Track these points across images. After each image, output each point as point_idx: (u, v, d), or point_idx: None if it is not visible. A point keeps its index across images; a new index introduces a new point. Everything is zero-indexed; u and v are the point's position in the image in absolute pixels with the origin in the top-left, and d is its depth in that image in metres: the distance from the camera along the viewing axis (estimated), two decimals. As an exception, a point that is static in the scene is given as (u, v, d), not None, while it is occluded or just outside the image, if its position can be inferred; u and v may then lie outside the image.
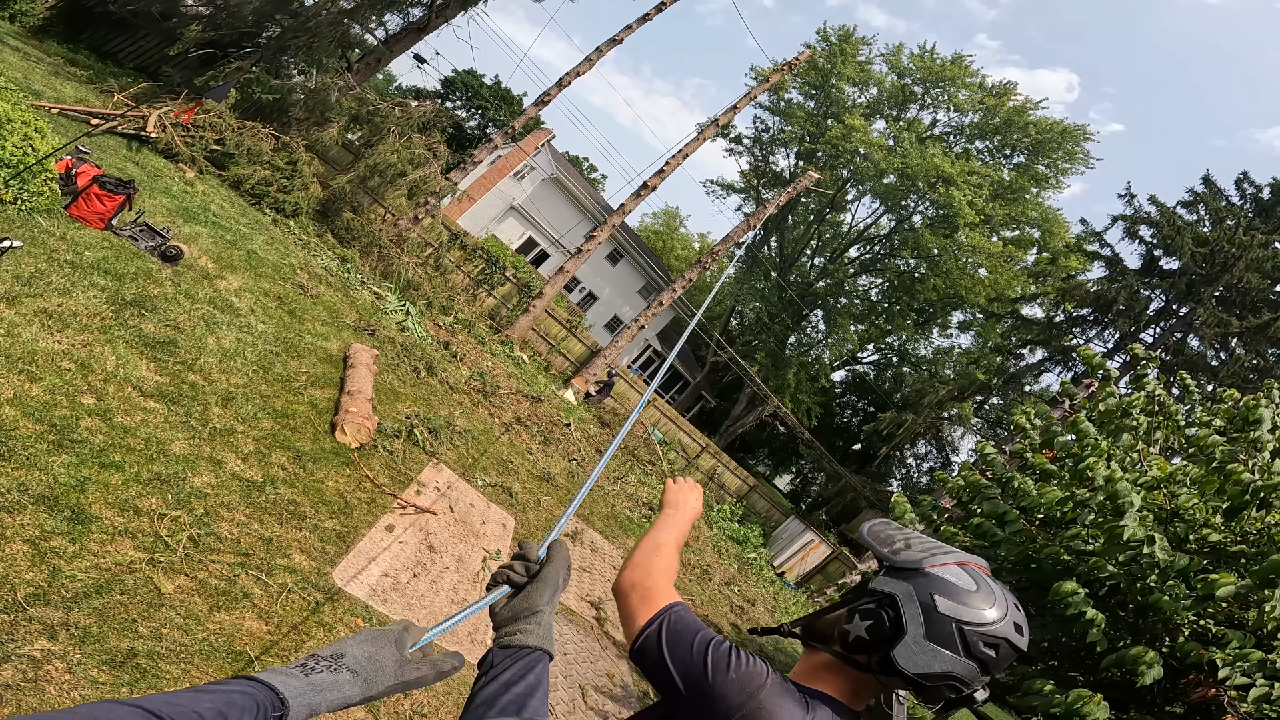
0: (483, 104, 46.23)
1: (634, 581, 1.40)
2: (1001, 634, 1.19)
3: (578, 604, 6.01)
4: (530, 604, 1.11)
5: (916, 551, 1.31)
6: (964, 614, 1.19)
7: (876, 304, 34.75)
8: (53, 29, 11.52)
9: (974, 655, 1.18)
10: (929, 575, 1.25)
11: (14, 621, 2.39)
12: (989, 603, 1.21)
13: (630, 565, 1.44)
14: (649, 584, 1.38)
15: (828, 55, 32.54)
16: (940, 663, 1.18)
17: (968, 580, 1.23)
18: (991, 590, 1.23)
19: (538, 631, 1.07)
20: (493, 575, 1.18)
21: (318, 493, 4.35)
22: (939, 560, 1.28)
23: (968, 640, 1.18)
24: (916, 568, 1.27)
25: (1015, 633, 1.20)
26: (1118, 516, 3.22)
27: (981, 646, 1.18)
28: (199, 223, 7.12)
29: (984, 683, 1.22)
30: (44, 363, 3.56)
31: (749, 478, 21.13)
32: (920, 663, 1.19)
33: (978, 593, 1.22)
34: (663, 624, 1.29)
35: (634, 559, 1.46)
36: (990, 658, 1.18)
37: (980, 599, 1.21)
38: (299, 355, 5.87)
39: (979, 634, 1.18)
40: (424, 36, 15.17)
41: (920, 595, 1.23)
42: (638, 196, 16.20)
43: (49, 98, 8.12)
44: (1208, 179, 21.85)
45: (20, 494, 2.80)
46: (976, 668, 1.18)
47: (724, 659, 1.23)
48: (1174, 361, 20.51)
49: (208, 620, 2.93)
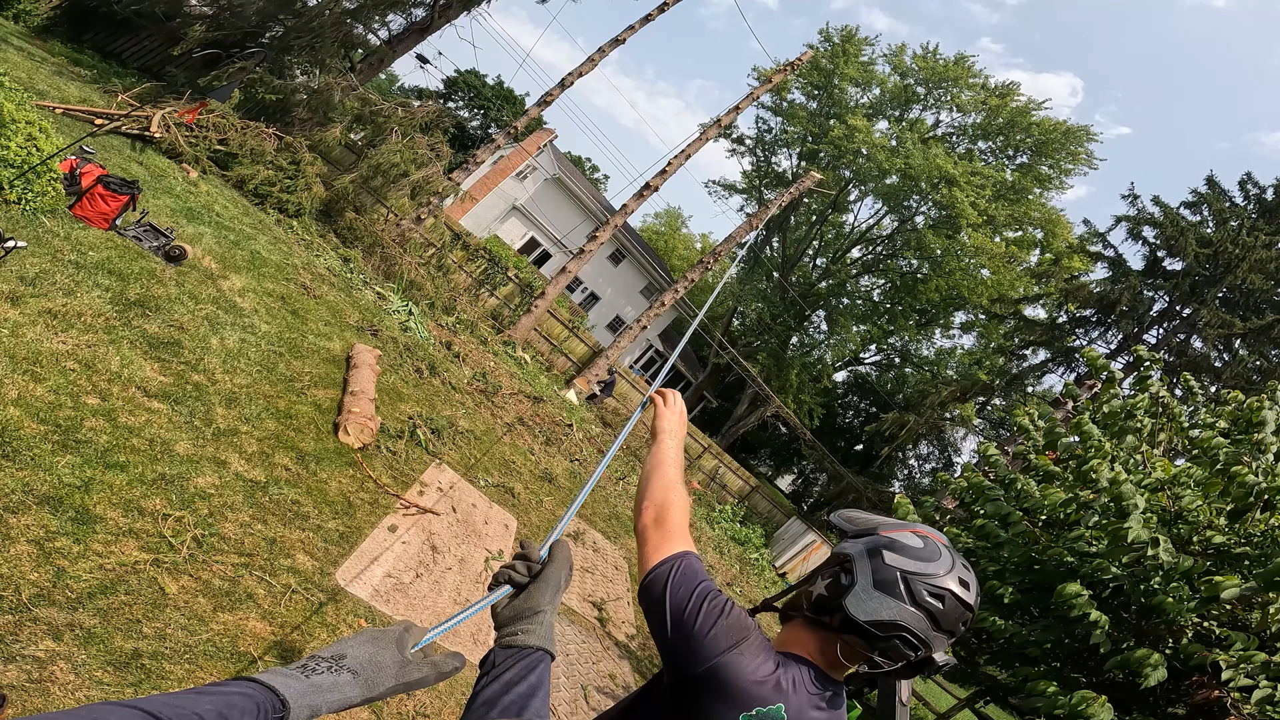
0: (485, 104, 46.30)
1: (653, 520, 1.46)
2: (945, 585, 1.26)
3: (580, 604, 6.01)
4: (532, 604, 1.11)
5: (879, 524, 1.40)
6: (908, 565, 1.28)
7: (879, 305, 34.71)
8: (56, 29, 11.53)
9: (919, 604, 1.25)
10: (882, 537, 1.34)
11: (19, 622, 2.39)
12: (934, 557, 1.29)
13: (649, 505, 1.49)
14: (668, 526, 1.44)
15: (830, 56, 32.52)
16: (887, 610, 1.25)
17: (915, 540, 1.32)
18: (939, 549, 1.31)
19: (539, 631, 1.08)
20: (494, 575, 1.18)
21: (321, 493, 4.35)
22: (894, 527, 1.37)
23: (912, 588, 1.25)
24: (872, 531, 1.38)
25: (960, 586, 1.27)
26: (1122, 518, 3.22)
27: (926, 596, 1.25)
28: (202, 223, 7.13)
29: (941, 642, 1.28)
30: (48, 363, 3.57)
31: (751, 478, 21.12)
32: (868, 609, 1.26)
33: (923, 549, 1.30)
34: (674, 567, 1.35)
35: (652, 496, 1.51)
36: (936, 608, 1.25)
37: (925, 553, 1.29)
38: (302, 356, 5.88)
39: (922, 582, 1.25)
40: (427, 37, 15.17)
41: (870, 551, 1.32)
42: (640, 197, 16.20)
43: (53, 98, 8.13)
44: (1211, 180, 21.78)
45: (25, 494, 2.81)
46: (924, 618, 1.25)
47: (716, 609, 1.29)
48: (1177, 363, 20.46)
49: (212, 621, 2.93)
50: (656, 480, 1.55)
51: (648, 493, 1.53)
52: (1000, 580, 3.95)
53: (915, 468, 35.14)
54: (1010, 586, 3.86)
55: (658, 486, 1.53)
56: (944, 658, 1.29)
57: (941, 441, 31.55)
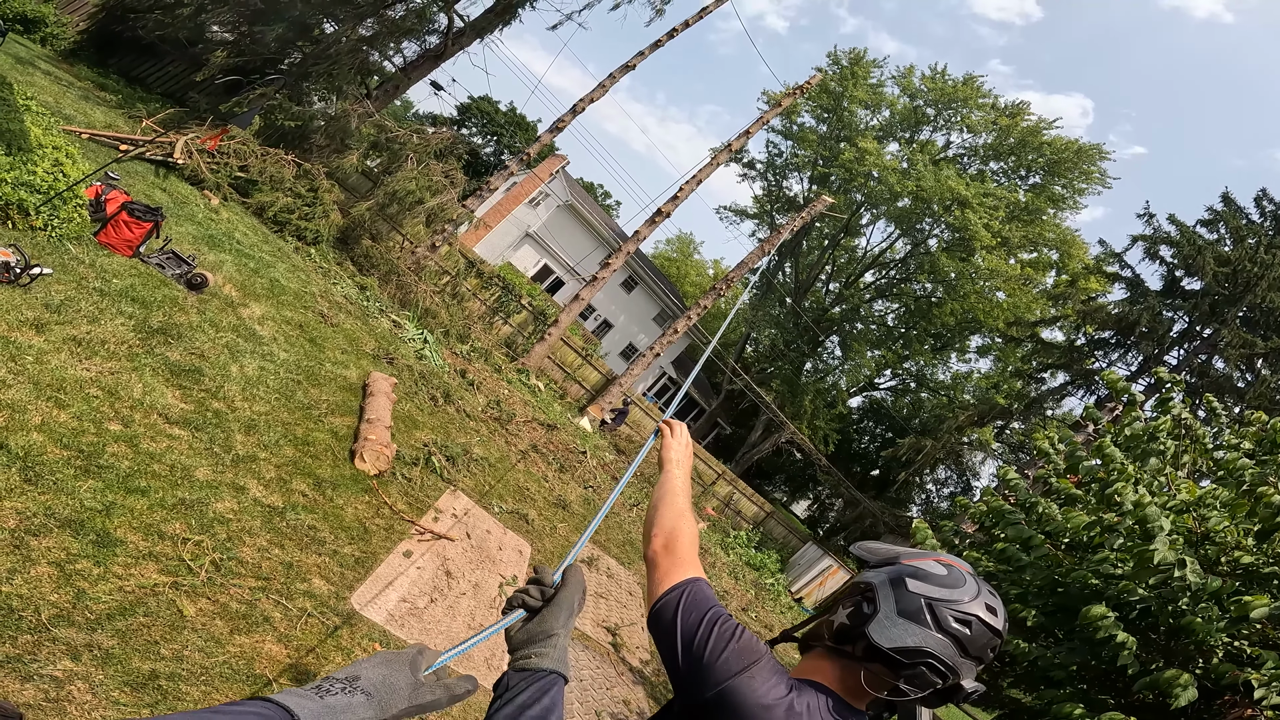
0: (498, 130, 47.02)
1: (663, 547, 1.47)
2: (971, 610, 1.24)
3: (594, 630, 5.96)
4: (545, 627, 1.12)
5: (900, 553, 1.39)
6: (932, 591, 1.26)
7: (893, 329, 34.53)
8: (83, 53, 11.80)
9: (946, 630, 1.23)
10: (905, 565, 1.33)
11: (38, 642, 2.41)
12: (959, 584, 1.27)
13: (658, 532, 1.51)
14: (678, 553, 1.46)
15: (839, 78, 32.74)
16: (912, 637, 1.23)
17: (938, 568, 1.31)
18: (963, 576, 1.30)
19: (553, 655, 1.08)
20: (508, 599, 1.19)
21: (337, 519, 4.37)
22: (916, 556, 1.36)
23: (937, 615, 1.23)
24: (894, 561, 1.36)
25: (987, 612, 1.25)
26: (1147, 540, 3.17)
27: (952, 622, 1.23)
28: (223, 250, 7.26)
29: (969, 669, 1.25)
30: (72, 389, 3.63)
31: (765, 504, 20.94)
32: (893, 636, 1.24)
33: (948, 576, 1.29)
34: (684, 593, 1.36)
35: (661, 524, 1.53)
36: (964, 634, 1.23)
37: (950, 580, 1.28)
38: (319, 383, 5.94)
39: (948, 608, 1.24)
40: (440, 64, 15.44)
41: (893, 579, 1.31)
42: (652, 223, 16.32)
43: (79, 122, 8.34)
44: (1227, 197, 21.61)
45: (47, 517, 2.85)
46: (951, 644, 1.22)
47: (727, 634, 1.29)
48: (1200, 384, 20.17)
49: (229, 643, 2.94)
50: (665, 508, 1.57)
51: (657, 520, 1.55)
52: (1023, 603, 3.89)
53: (933, 492, 34.71)
54: (1033, 610, 3.79)
55: (667, 514, 1.55)
56: (973, 684, 1.27)
57: (960, 466, 31.19)
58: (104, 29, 11.81)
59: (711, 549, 13.18)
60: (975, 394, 33.24)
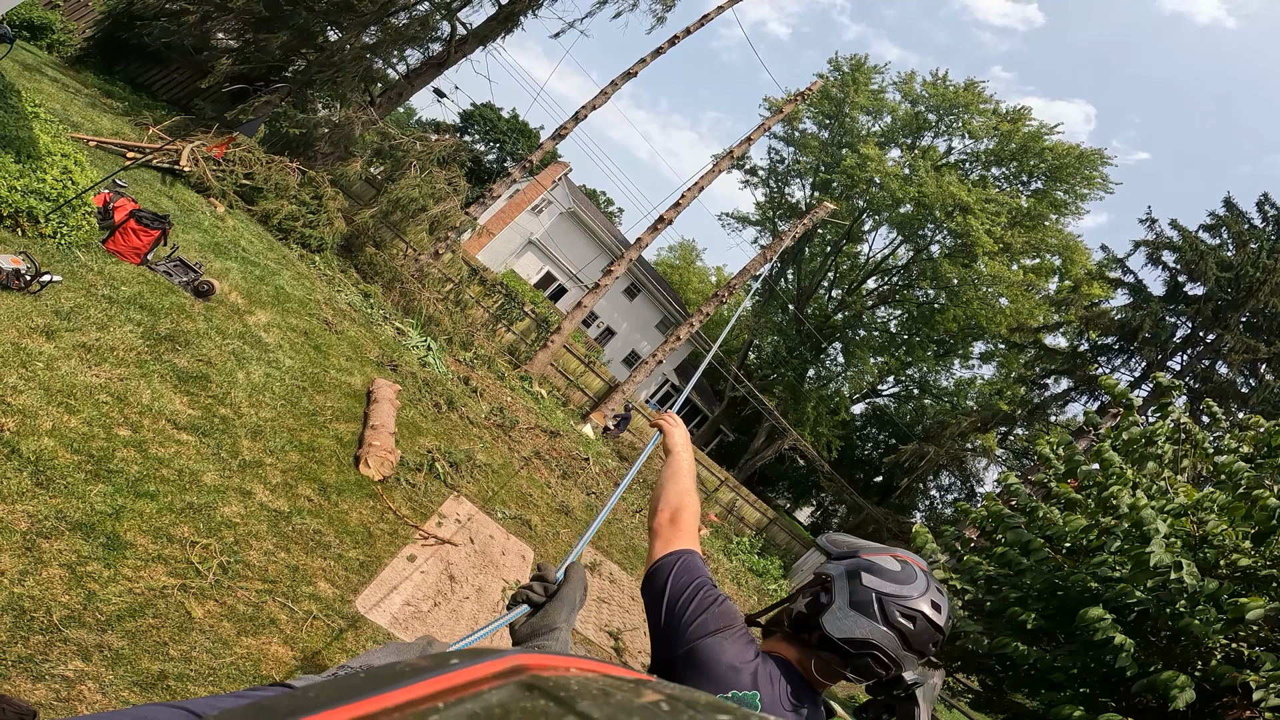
0: (500, 137, 47.17)
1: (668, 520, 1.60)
2: (917, 606, 1.32)
3: (596, 634, 5.98)
4: (548, 621, 1.15)
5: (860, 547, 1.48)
6: (883, 586, 1.34)
7: (896, 336, 34.50)
8: (89, 60, 11.86)
9: (891, 624, 1.31)
10: (862, 559, 1.42)
11: (49, 642, 2.45)
12: (909, 580, 1.36)
13: (664, 507, 1.64)
14: (681, 526, 1.58)
15: (840, 84, 32.83)
16: (860, 629, 1.32)
17: (893, 563, 1.40)
18: (915, 573, 1.38)
19: (555, 648, 1.11)
20: (512, 595, 1.23)
21: (342, 523, 4.41)
22: (875, 551, 1.45)
23: (885, 609, 1.32)
24: (854, 554, 1.45)
25: (932, 609, 1.33)
26: (1144, 543, 3.19)
27: (898, 616, 1.31)
28: (229, 258, 7.33)
29: (911, 661, 1.34)
30: (82, 395, 3.68)
31: (768, 510, 20.93)
32: (843, 628, 1.33)
33: (900, 572, 1.37)
34: (680, 559, 1.47)
35: (668, 500, 1.66)
36: (908, 629, 1.31)
37: (901, 577, 1.36)
38: (324, 390, 5.99)
39: (895, 603, 1.32)
40: (443, 71, 15.50)
41: (850, 572, 1.40)
42: (654, 230, 16.39)
43: (87, 130, 8.42)
44: (1229, 201, 21.58)
45: (58, 520, 2.89)
46: (895, 638, 1.31)
47: (710, 598, 1.40)
48: (1203, 389, 20.14)
49: (236, 645, 2.98)
50: (672, 486, 1.68)
51: (664, 496, 1.66)
52: (1023, 607, 3.91)
53: (936, 498, 34.64)
54: (1033, 613, 3.81)
55: (673, 491, 1.67)
56: (913, 676, 1.35)
57: (963, 472, 31.12)
58: (110, 36, 11.90)
59: (714, 555, 13.19)
60: (978, 400, 33.21)
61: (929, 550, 4.88)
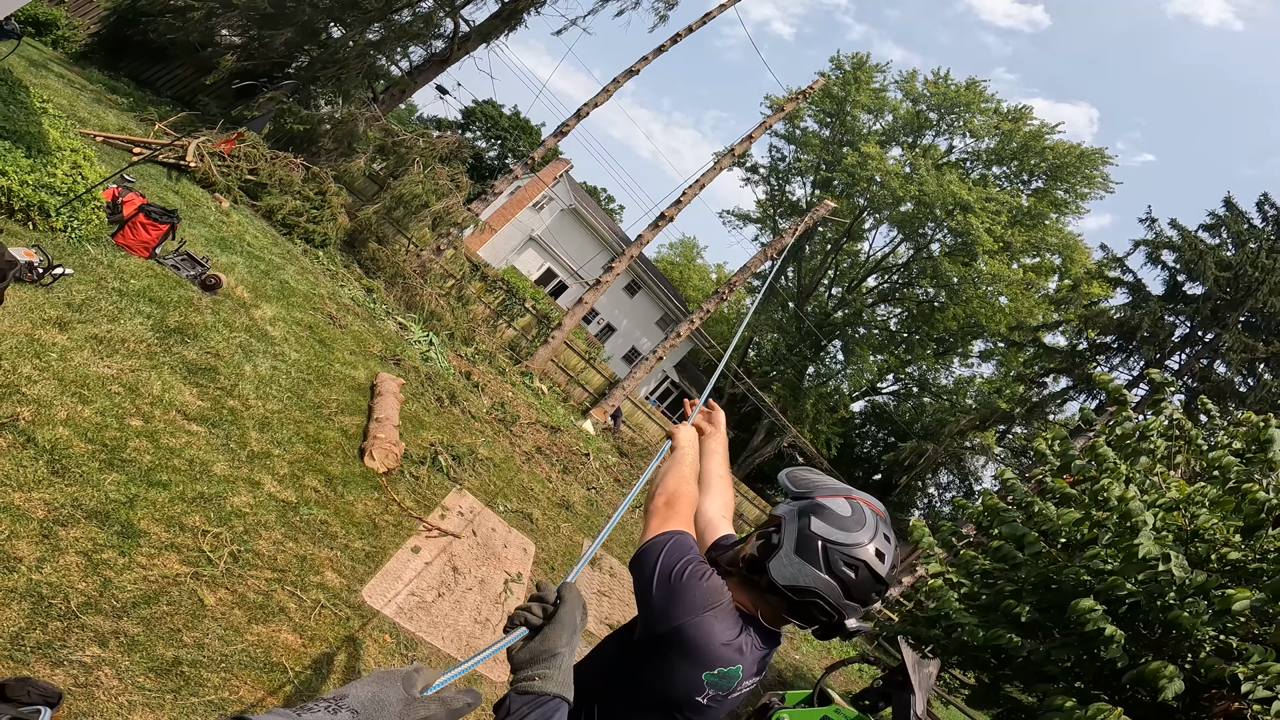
0: (502, 134, 47.19)
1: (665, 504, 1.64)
2: (860, 556, 1.33)
3: (597, 626, 6.06)
4: (549, 646, 1.09)
5: (816, 487, 1.48)
6: (831, 534, 1.35)
7: (896, 334, 34.58)
8: (94, 56, 11.91)
9: (834, 573, 1.33)
10: (814, 502, 1.42)
11: (67, 629, 2.52)
12: (858, 527, 1.36)
13: (662, 492, 1.69)
14: (677, 509, 1.61)
15: (842, 83, 32.84)
16: (804, 577, 1.34)
17: (845, 508, 1.40)
18: (865, 519, 1.38)
19: (556, 676, 1.06)
20: (510, 617, 1.17)
21: (348, 515, 4.48)
22: (830, 492, 1.45)
23: (829, 557, 1.33)
24: (808, 495, 1.46)
25: (875, 558, 1.34)
26: (1133, 535, 3.26)
27: (841, 565, 1.32)
28: (235, 252, 7.39)
29: (854, 610, 1.36)
30: (95, 386, 3.74)
31: (768, 507, 21.02)
32: (787, 574, 1.35)
33: (850, 518, 1.37)
34: (672, 537, 1.49)
35: (666, 486, 1.70)
36: (849, 578, 1.32)
37: (850, 523, 1.36)
38: (329, 383, 6.05)
39: (840, 552, 1.33)
40: (446, 68, 15.54)
41: (800, 516, 1.41)
42: (655, 227, 16.44)
43: (93, 125, 8.47)
44: (1229, 201, 21.57)
45: (74, 509, 2.96)
46: (837, 587, 1.33)
47: (699, 574, 1.41)
48: (1201, 388, 20.19)
49: (246, 632, 3.05)
50: (673, 475, 1.73)
51: (663, 483, 1.71)
52: (1017, 599, 3.98)
53: (935, 496, 34.73)
54: (1027, 606, 3.89)
55: (672, 480, 1.71)
56: (855, 624, 1.38)
57: (962, 470, 31.18)
58: (115, 32, 11.96)
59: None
60: (977, 398, 33.27)
61: (926, 545, 4.95)
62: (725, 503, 1.98)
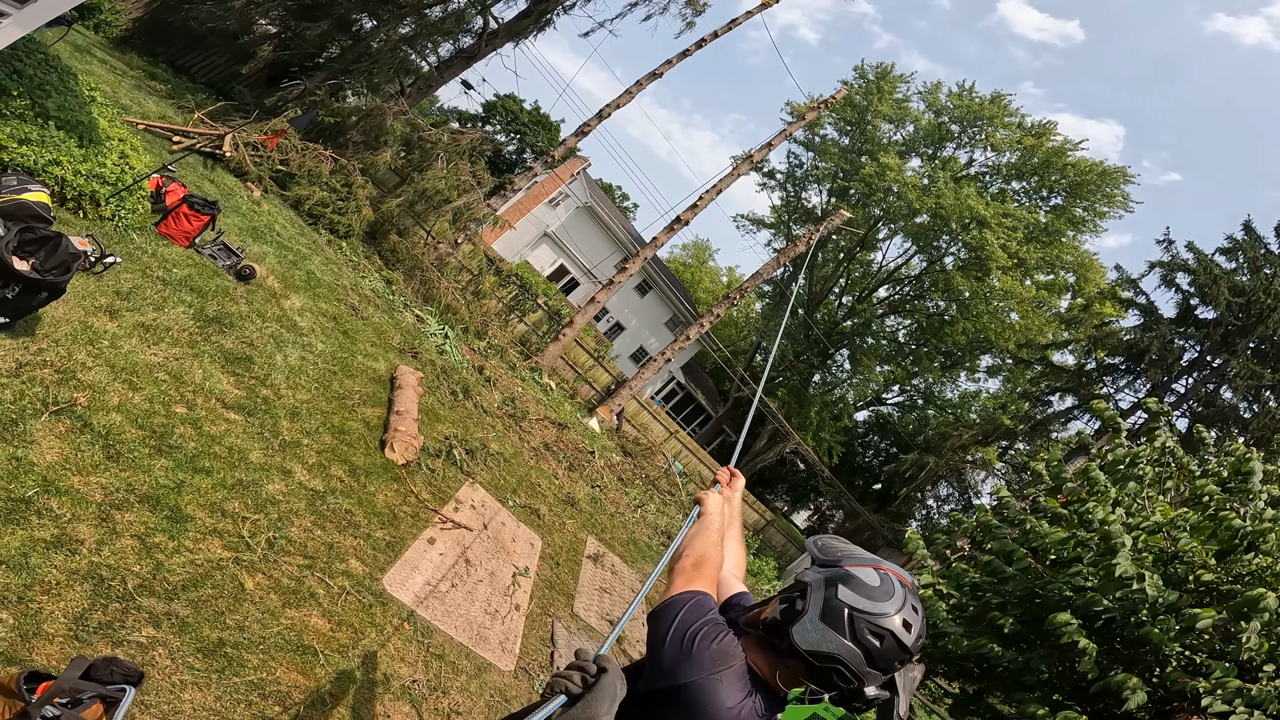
0: (521, 129, 47.35)
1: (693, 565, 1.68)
2: (887, 625, 1.34)
3: (598, 623, 6.28)
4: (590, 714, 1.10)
5: (845, 556, 1.50)
6: (858, 603, 1.37)
7: (903, 345, 34.62)
8: (134, 41, 12.09)
9: (859, 641, 1.34)
10: (843, 570, 1.44)
11: (125, 610, 2.72)
12: (886, 597, 1.38)
13: (690, 554, 1.73)
14: (703, 571, 1.66)
15: (864, 92, 32.78)
16: (828, 643, 1.35)
17: (874, 578, 1.41)
18: (893, 590, 1.39)
19: None
20: (548, 684, 1.20)
21: (370, 504, 4.71)
22: (859, 562, 1.47)
23: (855, 626, 1.35)
24: (836, 563, 1.47)
25: (902, 629, 1.35)
26: (1112, 555, 3.47)
27: (867, 634, 1.34)
28: (266, 242, 7.63)
29: (875, 678, 1.36)
30: (143, 373, 3.98)
31: (766, 512, 21.24)
32: (811, 640, 1.37)
33: (878, 588, 1.39)
34: (695, 597, 1.54)
35: (694, 549, 1.74)
36: (874, 647, 1.34)
37: (879, 594, 1.38)
38: (352, 375, 6.29)
39: (866, 621, 1.35)
40: (473, 64, 15.66)
41: (828, 585, 1.42)
42: (670, 230, 16.63)
43: (135, 113, 8.71)
44: (1249, 226, 21.40)
45: (128, 493, 3.19)
46: (861, 655, 1.34)
47: (715, 633, 1.44)
48: (1206, 413, 20.24)
49: (281, 616, 3.28)
50: (702, 540, 1.79)
51: (693, 545, 1.77)
52: (1002, 611, 4.20)
53: (934, 508, 34.79)
54: (1011, 618, 4.09)
55: (701, 543, 1.77)
56: (875, 692, 1.38)
57: (962, 484, 31.29)
58: (157, 18, 12.17)
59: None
60: (981, 413, 33.31)
61: (919, 556, 5.16)
62: (738, 561, 2.07)
